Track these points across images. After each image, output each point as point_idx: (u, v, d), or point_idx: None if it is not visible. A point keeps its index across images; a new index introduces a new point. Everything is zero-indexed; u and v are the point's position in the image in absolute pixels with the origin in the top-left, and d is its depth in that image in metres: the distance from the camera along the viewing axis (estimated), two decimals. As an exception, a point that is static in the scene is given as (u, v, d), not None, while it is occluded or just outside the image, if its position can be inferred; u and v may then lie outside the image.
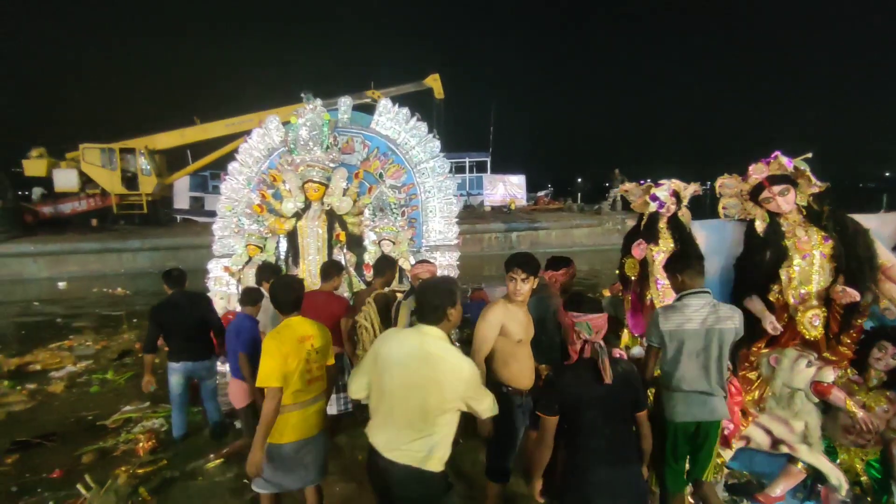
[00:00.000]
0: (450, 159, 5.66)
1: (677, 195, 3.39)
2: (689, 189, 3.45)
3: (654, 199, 3.36)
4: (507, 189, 21.89)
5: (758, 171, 3.06)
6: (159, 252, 14.34)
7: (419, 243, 5.35)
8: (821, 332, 2.93)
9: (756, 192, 3.08)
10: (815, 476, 2.99)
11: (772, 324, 2.87)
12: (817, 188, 2.94)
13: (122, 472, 3.52)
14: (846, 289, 2.74)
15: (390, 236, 4.94)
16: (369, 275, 5.07)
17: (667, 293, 3.22)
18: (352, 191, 5.09)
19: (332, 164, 4.98)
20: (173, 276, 4.18)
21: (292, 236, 5.06)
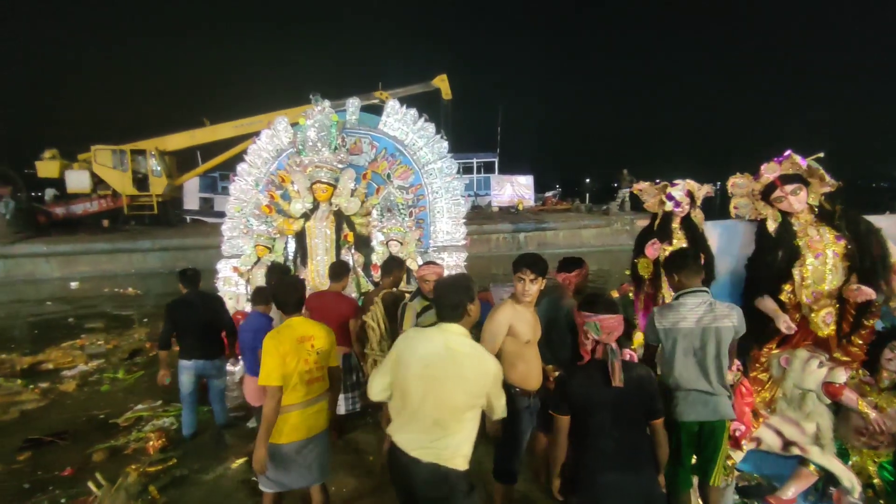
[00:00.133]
0: (457, 160, 5.67)
1: (692, 195, 3.39)
2: (703, 190, 3.45)
3: (671, 198, 3.35)
4: (515, 189, 21.85)
5: (770, 171, 3.04)
6: (169, 252, 14.47)
7: (427, 244, 5.35)
8: (833, 330, 2.90)
9: (768, 191, 3.05)
10: (827, 478, 2.96)
11: (785, 323, 2.84)
12: (830, 187, 2.91)
13: (132, 471, 3.55)
14: (861, 287, 2.71)
15: (398, 237, 4.95)
16: (377, 275, 5.08)
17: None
18: (360, 191, 5.11)
19: (341, 165, 5.00)
20: (188, 276, 4.26)
21: (300, 237, 5.09)
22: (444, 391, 2.02)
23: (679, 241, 3.37)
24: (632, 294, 3.85)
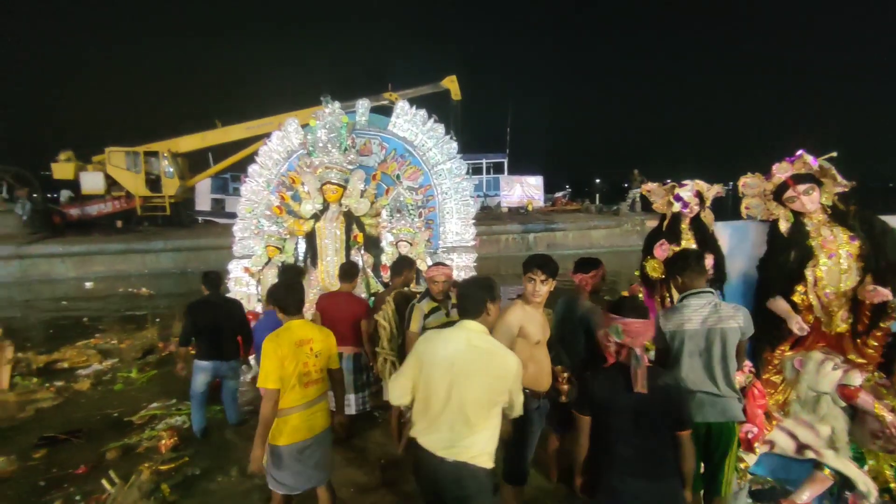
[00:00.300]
0: (467, 160, 5.67)
1: (700, 196, 3.35)
2: (713, 190, 3.41)
3: (678, 199, 3.32)
4: (525, 190, 21.80)
5: (782, 170, 3.00)
6: (181, 253, 14.64)
7: (436, 244, 5.36)
8: (845, 328, 2.86)
9: (780, 191, 3.02)
10: (842, 482, 2.91)
11: (798, 324, 2.81)
12: (843, 187, 2.88)
13: (145, 469, 3.58)
14: (877, 288, 2.67)
15: (407, 237, 4.96)
16: (386, 276, 5.10)
17: None
18: (369, 192, 5.13)
19: (350, 166, 5.02)
20: (211, 278, 4.38)
21: (311, 238, 5.12)
22: (469, 388, 2.04)
23: (688, 242, 3.34)
24: (642, 295, 3.82)
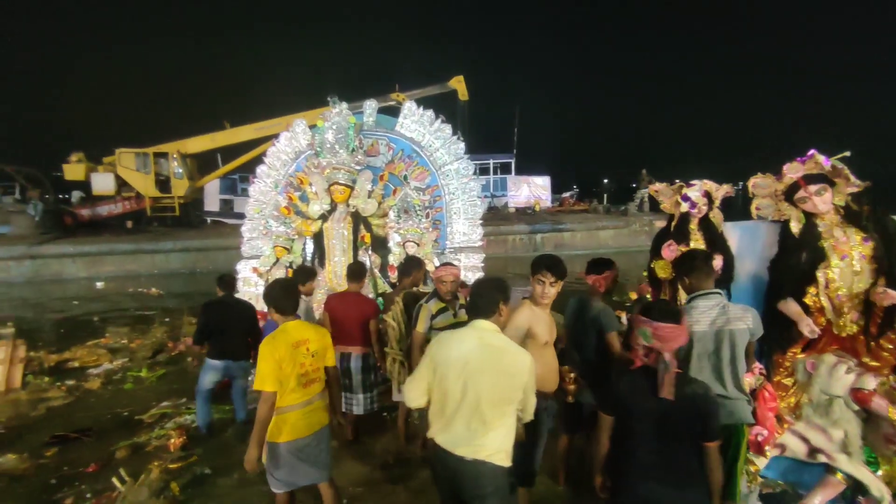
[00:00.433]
0: (474, 161, 5.66)
1: (709, 196, 3.31)
2: (722, 190, 3.36)
3: (686, 199, 3.29)
4: (532, 190, 21.77)
5: (793, 171, 2.96)
6: (190, 253, 14.75)
7: (443, 245, 5.36)
8: (856, 330, 2.81)
9: (791, 191, 2.98)
10: (854, 487, 2.87)
11: (809, 326, 2.77)
12: (856, 187, 2.83)
13: (154, 467, 3.61)
14: (888, 290, 2.63)
15: (415, 238, 4.97)
16: (394, 276, 5.11)
17: None
18: (377, 193, 5.14)
19: (358, 167, 5.04)
20: (225, 280, 4.52)
21: (318, 238, 5.14)
22: (484, 386, 2.06)
23: (696, 243, 3.30)
24: (650, 295, 3.80)
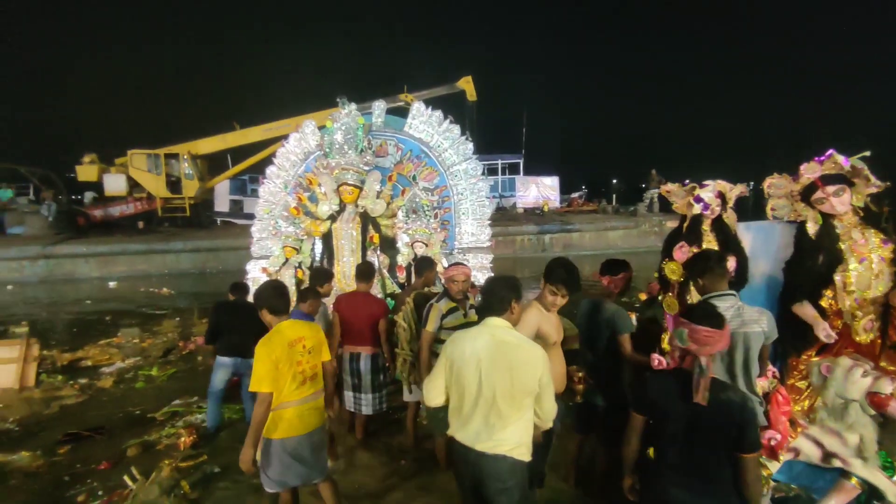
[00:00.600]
0: (482, 161, 5.65)
1: (722, 196, 3.25)
2: (735, 190, 3.30)
3: (699, 200, 3.23)
4: (540, 191, 21.73)
5: (810, 171, 2.91)
6: (200, 254, 14.88)
7: (452, 245, 5.35)
8: (872, 337, 2.76)
9: (808, 192, 2.92)
10: (870, 492, 2.82)
11: (825, 331, 2.72)
12: (876, 188, 2.78)
13: (165, 466, 3.64)
14: None
15: (423, 238, 4.96)
16: (402, 276, 5.11)
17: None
18: (385, 193, 5.14)
19: (367, 168, 5.05)
20: (239, 286, 4.70)
21: (327, 238, 5.15)
22: (499, 381, 2.09)
23: (709, 244, 3.24)
24: (660, 296, 3.75)
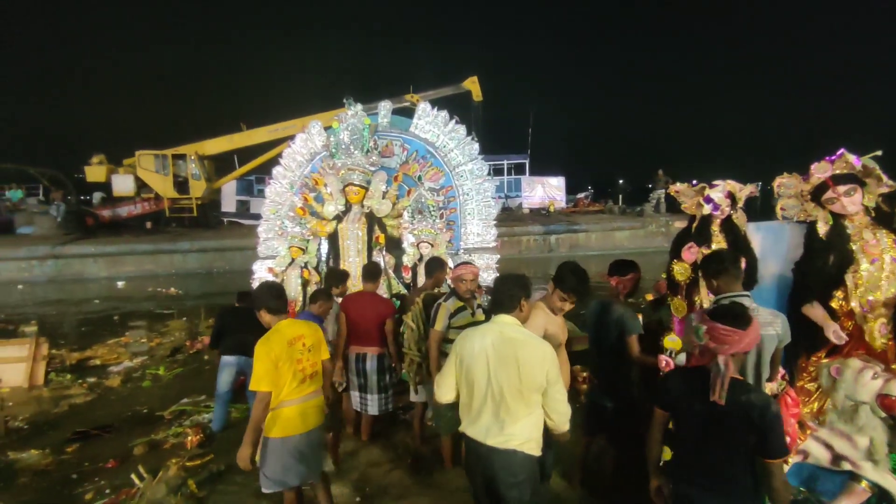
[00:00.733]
0: (488, 162, 5.63)
1: (732, 196, 3.22)
2: (745, 190, 3.27)
3: (708, 200, 3.20)
4: (546, 191, 21.68)
5: (821, 170, 2.87)
6: (207, 254, 14.95)
7: (457, 246, 5.34)
8: (888, 341, 2.73)
9: (818, 192, 2.89)
10: (880, 495, 2.78)
11: (835, 332, 2.69)
12: (888, 188, 2.74)
13: (172, 465, 3.66)
14: None
15: (429, 238, 4.95)
16: (408, 277, 5.11)
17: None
18: (391, 194, 5.14)
19: (372, 168, 5.04)
20: (246, 295, 4.75)
21: (333, 238, 5.15)
22: (507, 377, 2.12)
23: (719, 245, 3.22)
24: (669, 296, 3.73)
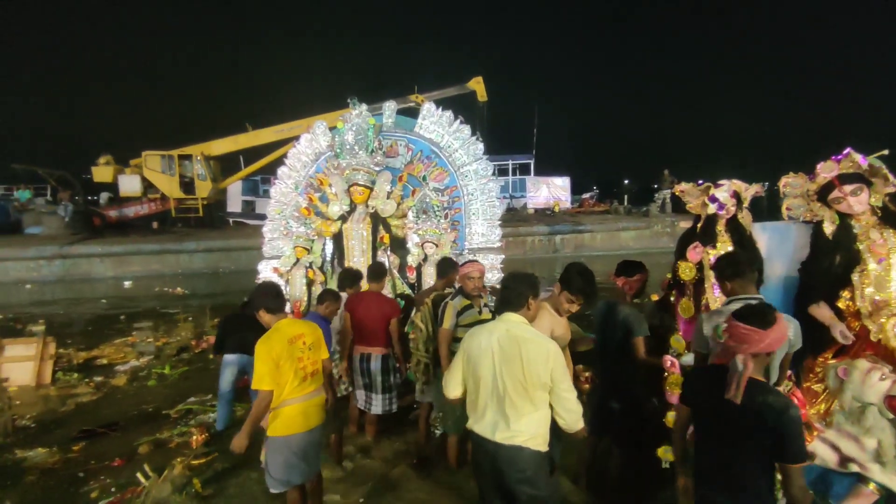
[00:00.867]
0: (493, 162, 5.63)
1: (738, 196, 3.20)
2: (751, 190, 3.25)
3: (714, 200, 3.18)
4: (551, 191, 21.65)
5: (827, 170, 2.85)
6: (213, 254, 15.03)
7: (462, 246, 5.33)
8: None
9: (825, 191, 2.87)
10: (888, 498, 2.76)
11: (842, 333, 2.67)
12: (894, 187, 2.72)
13: (177, 463, 3.68)
14: None
15: (433, 238, 4.95)
16: (412, 277, 5.11)
17: (724, 299, 3.07)
18: (395, 194, 5.14)
19: (377, 168, 5.05)
20: (250, 303, 4.70)
21: (338, 238, 5.16)
22: (512, 374, 2.16)
23: (724, 245, 3.20)
24: (673, 297, 3.71)
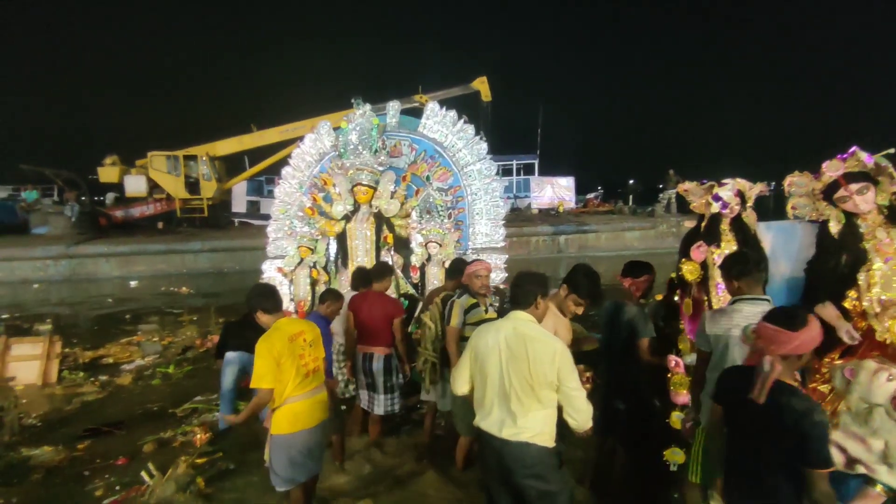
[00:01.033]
0: (497, 161, 5.63)
1: (742, 195, 3.17)
2: (755, 189, 3.23)
3: (717, 199, 3.17)
4: (555, 191, 21.57)
5: (833, 169, 2.83)
6: (218, 253, 15.08)
7: (465, 245, 5.34)
8: None
9: (830, 190, 2.84)
10: (895, 500, 2.73)
11: (848, 333, 2.64)
12: (901, 186, 2.69)
13: (181, 462, 3.68)
14: None
15: (437, 238, 4.95)
16: (416, 277, 5.11)
17: (728, 298, 3.05)
18: (399, 193, 5.14)
19: (381, 168, 5.05)
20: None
21: (342, 238, 5.17)
22: (518, 371, 2.18)
23: (728, 244, 3.18)
24: (677, 297, 3.69)
